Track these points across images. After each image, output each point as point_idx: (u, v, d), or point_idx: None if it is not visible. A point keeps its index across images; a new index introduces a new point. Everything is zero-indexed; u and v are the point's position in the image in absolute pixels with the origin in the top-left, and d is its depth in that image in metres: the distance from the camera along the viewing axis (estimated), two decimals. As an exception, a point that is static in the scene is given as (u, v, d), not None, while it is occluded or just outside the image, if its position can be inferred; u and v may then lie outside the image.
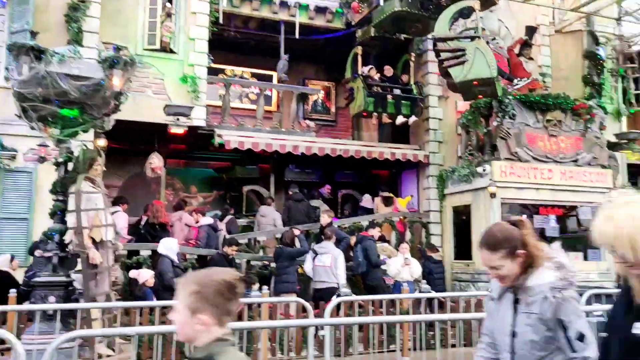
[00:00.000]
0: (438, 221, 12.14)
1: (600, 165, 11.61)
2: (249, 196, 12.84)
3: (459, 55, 9.21)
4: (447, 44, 9.38)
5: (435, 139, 12.38)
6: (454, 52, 9.29)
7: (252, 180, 12.96)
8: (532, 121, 11.11)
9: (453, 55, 9.27)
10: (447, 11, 9.51)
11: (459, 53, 9.23)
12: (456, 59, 9.20)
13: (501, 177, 10.66)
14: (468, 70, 9.22)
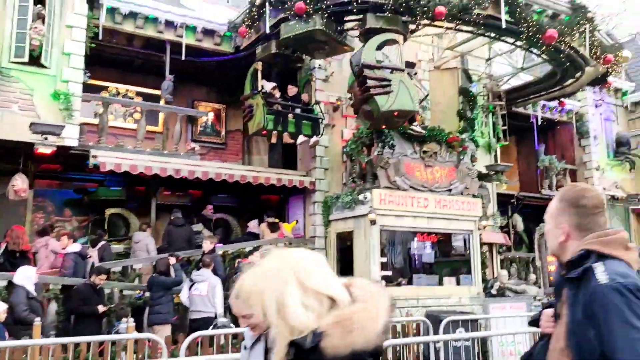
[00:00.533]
0: (323, 247, 12.27)
1: (472, 194, 12.40)
2: (113, 220, 12.14)
3: (385, 85, 9.53)
4: (374, 72, 9.61)
5: (322, 165, 12.59)
6: (380, 80, 9.57)
7: (117, 202, 12.29)
8: (410, 152, 11.65)
9: (379, 84, 9.54)
10: (374, 40, 9.72)
11: (384, 83, 9.55)
12: (382, 88, 9.49)
13: (381, 204, 11.02)
14: (393, 100, 9.55)
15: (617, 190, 18.45)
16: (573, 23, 11.26)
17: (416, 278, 11.43)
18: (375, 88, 9.48)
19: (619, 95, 19.34)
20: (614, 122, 19.04)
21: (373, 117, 10.04)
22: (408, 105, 9.72)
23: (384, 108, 9.47)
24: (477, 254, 12.22)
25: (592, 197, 2.23)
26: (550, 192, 17.82)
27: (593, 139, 18.24)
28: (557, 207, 2.28)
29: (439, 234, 12.00)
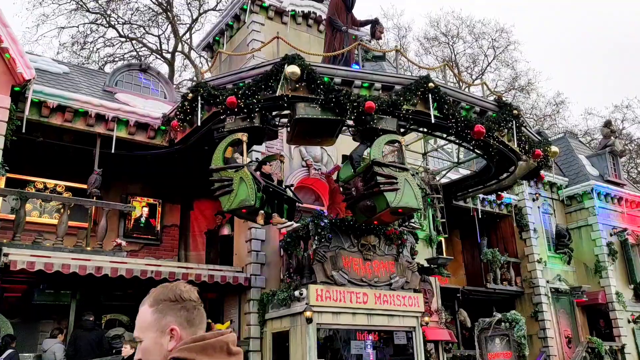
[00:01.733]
0: (258, 349, 11.47)
1: (413, 289, 12.06)
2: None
3: (393, 182, 9.58)
4: (383, 170, 9.69)
5: (258, 260, 12.11)
6: (388, 178, 9.62)
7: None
8: (348, 245, 11.37)
9: (388, 181, 9.61)
10: (381, 139, 9.88)
11: (393, 180, 9.61)
12: (390, 185, 9.54)
13: (317, 301, 10.50)
14: (400, 198, 9.56)
15: (560, 283, 18.52)
16: (500, 119, 11.71)
17: (356, 381, 10.70)
18: (385, 185, 9.53)
19: (554, 190, 20.02)
20: (551, 215, 19.53)
21: (373, 212, 9.96)
22: (413, 203, 9.75)
23: (393, 204, 9.46)
24: (421, 352, 11.66)
25: (189, 290, 1.91)
26: (495, 286, 17.73)
27: (533, 232, 18.54)
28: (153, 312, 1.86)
29: (380, 331, 11.45)
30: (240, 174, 9.52)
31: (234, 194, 9.33)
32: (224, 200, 9.40)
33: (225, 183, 9.44)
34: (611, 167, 20.84)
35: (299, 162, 13.53)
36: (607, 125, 21.67)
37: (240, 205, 9.36)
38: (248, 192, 9.37)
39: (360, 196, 10.16)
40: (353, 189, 10.44)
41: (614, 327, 18.38)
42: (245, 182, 9.47)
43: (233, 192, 9.34)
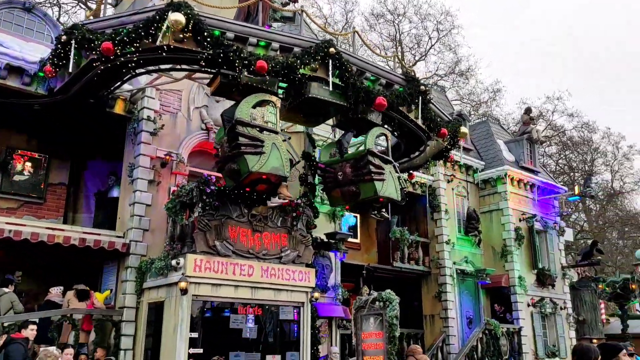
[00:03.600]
0: (132, 319, 10.73)
1: (305, 264, 11.60)
2: None
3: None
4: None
5: (140, 226, 11.27)
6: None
7: None
8: (237, 214, 10.71)
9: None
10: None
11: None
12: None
13: (195, 271, 9.83)
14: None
15: (467, 265, 18.69)
16: (406, 94, 11.26)
17: (233, 356, 10.17)
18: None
19: (470, 173, 20.08)
20: (465, 197, 19.61)
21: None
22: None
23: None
24: (308, 329, 11.27)
25: None
26: (402, 265, 17.66)
27: (444, 213, 18.54)
28: None
29: (265, 306, 10.94)
30: (273, 140, 9.09)
31: (265, 157, 8.84)
32: (252, 160, 8.77)
33: (257, 143, 8.89)
34: (527, 154, 21.12)
35: (198, 125, 12.67)
36: (526, 112, 21.90)
37: (270, 171, 8.96)
38: (282, 161, 9.04)
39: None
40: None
41: (514, 310, 18.79)
42: (279, 150, 9.11)
43: (265, 155, 8.84)
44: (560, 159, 43.87)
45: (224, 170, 9.60)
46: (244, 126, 8.97)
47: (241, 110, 9.06)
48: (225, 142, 9.37)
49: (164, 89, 12.23)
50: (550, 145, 43.63)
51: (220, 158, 9.65)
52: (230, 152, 9.14)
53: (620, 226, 42.90)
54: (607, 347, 5.36)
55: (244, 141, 8.88)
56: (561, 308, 20.30)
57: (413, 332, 17.91)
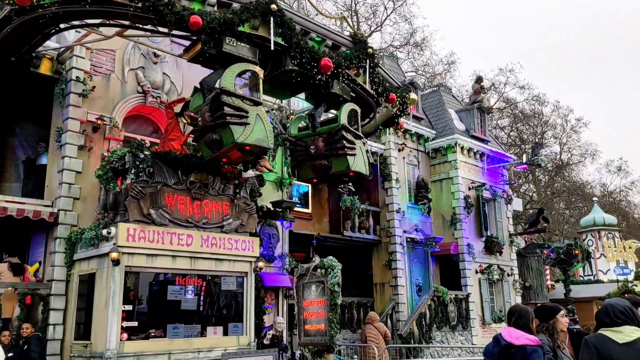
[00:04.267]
0: (62, 293, 10.11)
1: (249, 233, 11.18)
2: None
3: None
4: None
5: (70, 194, 10.55)
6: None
7: None
8: (174, 181, 10.15)
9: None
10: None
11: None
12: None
13: (128, 241, 9.27)
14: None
15: (417, 234, 18.70)
16: (353, 57, 10.82)
17: (171, 329, 9.73)
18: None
19: (421, 142, 19.96)
20: (416, 167, 19.51)
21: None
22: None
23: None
24: (251, 299, 10.93)
25: None
26: (352, 234, 17.49)
27: (395, 182, 18.40)
28: None
29: (205, 276, 10.51)
30: (257, 111, 8.89)
31: (249, 129, 8.65)
32: (237, 131, 8.56)
33: (242, 113, 8.65)
34: (478, 123, 21.16)
35: (134, 87, 11.89)
36: (477, 81, 21.87)
37: (255, 142, 8.77)
38: (266, 133, 8.92)
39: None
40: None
41: (462, 277, 19.01)
42: (263, 121, 8.95)
43: (249, 126, 8.65)
44: (511, 131, 44.62)
45: (203, 139, 9.22)
46: (229, 96, 8.63)
47: (226, 80, 8.70)
48: (206, 111, 8.92)
49: (95, 49, 11.38)
50: (502, 118, 44.33)
51: (199, 127, 9.19)
52: (213, 121, 8.79)
53: (567, 196, 44.30)
54: (546, 309, 5.21)
55: (229, 111, 8.59)
56: (508, 274, 20.70)
57: (363, 300, 17.88)
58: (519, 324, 4.50)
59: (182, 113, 11.37)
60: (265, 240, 12.82)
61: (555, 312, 5.03)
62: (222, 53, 8.83)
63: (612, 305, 3.83)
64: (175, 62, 12.53)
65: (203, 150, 9.57)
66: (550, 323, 4.94)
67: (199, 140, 9.42)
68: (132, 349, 9.05)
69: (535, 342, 4.17)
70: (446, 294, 17.21)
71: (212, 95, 8.79)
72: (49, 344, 9.71)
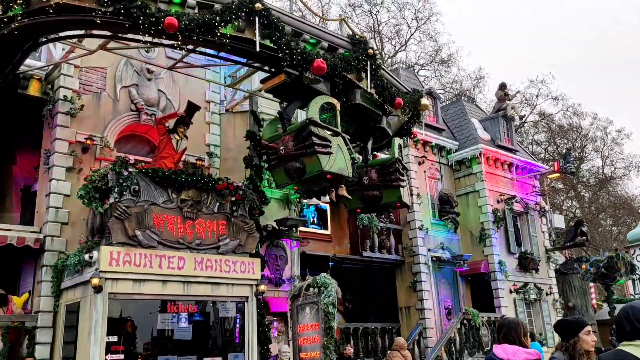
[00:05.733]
0: (49, 325, 9.43)
1: (248, 253, 10.35)
2: None
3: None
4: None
5: (58, 219, 9.97)
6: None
7: None
8: (163, 200, 9.45)
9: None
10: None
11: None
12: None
13: (112, 265, 8.56)
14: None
15: (443, 252, 17.49)
16: (352, 59, 10.03)
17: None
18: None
19: (443, 154, 18.89)
20: (438, 180, 18.41)
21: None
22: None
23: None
24: (253, 327, 10.02)
25: None
26: (372, 254, 16.44)
27: (416, 197, 17.32)
28: None
29: (201, 302, 9.68)
30: (337, 141, 9.34)
31: (333, 158, 9.11)
32: (323, 160, 8.97)
33: (327, 143, 9.10)
34: (504, 132, 19.97)
35: (127, 105, 11.37)
36: (501, 88, 20.73)
37: (337, 171, 9.20)
38: (345, 162, 9.34)
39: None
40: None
41: (495, 297, 17.61)
42: (342, 151, 9.38)
43: (333, 155, 9.11)
44: (549, 146, 42.68)
45: (281, 167, 9.56)
46: (315, 126, 9.00)
47: (312, 111, 9.13)
48: (289, 141, 9.27)
49: (84, 67, 10.95)
50: (538, 133, 42.55)
51: (281, 155, 9.46)
52: (299, 150, 9.15)
53: (613, 212, 41.89)
54: (566, 323, 4.21)
55: (316, 141, 8.97)
56: (547, 293, 19.14)
57: (388, 326, 16.69)
58: (510, 339, 3.75)
59: (175, 129, 10.78)
60: (272, 263, 11.96)
61: (578, 328, 4.05)
62: (302, 85, 9.20)
63: (634, 307, 2.85)
64: (171, 78, 12.00)
65: (278, 178, 9.87)
66: (571, 342, 3.97)
67: (275, 168, 9.74)
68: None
69: (536, 355, 3.51)
70: (477, 317, 15.86)
71: (302, 126, 9.17)
72: (34, 380, 8.99)
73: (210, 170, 12.06)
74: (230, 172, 12.18)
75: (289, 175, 9.71)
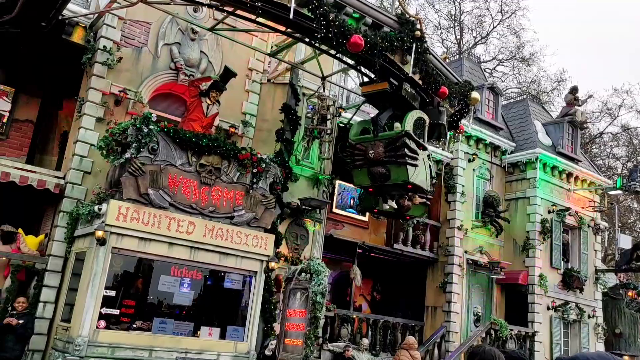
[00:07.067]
0: (58, 270, 9.56)
1: (263, 228, 10.06)
2: None
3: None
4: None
5: (81, 167, 10.02)
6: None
7: None
8: (182, 162, 9.28)
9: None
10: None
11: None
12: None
13: (119, 220, 8.50)
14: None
15: (480, 256, 16.60)
16: (396, 38, 9.40)
17: (157, 323, 8.81)
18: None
19: (497, 154, 17.82)
20: (487, 181, 17.41)
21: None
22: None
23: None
24: (257, 303, 9.78)
25: None
26: (404, 247, 15.82)
27: (460, 196, 16.46)
28: None
29: (206, 270, 9.51)
30: (422, 155, 9.90)
31: (418, 170, 9.70)
32: (410, 171, 9.61)
33: (416, 156, 9.66)
34: (568, 139, 18.55)
35: (167, 63, 11.23)
36: (572, 91, 19.21)
37: (419, 183, 9.82)
38: (426, 176, 10.02)
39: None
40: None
41: (530, 311, 16.58)
42: (425, 165, 10.00)
43: (418, 168, 9.70)
44: (629, 161, 39.73)
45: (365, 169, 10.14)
46: (410, 139, 9.60)
47: (408, 124, 9.71)
48: (380, 147, 9.89)
49: (129, 19, 10.89)
50: (618, 146, 39.66)
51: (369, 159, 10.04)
52: (388, 157, 9.76)
53: (686, 239, 38.69)
54: None
55: (408, 153, 9.59)
56: (589, 316, 17.84)
57: (411, 323, 16.12)
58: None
59: (207, 93, 10.56)
60: (291, 241, 11.62)
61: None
62: (398, 96, 9.73)
63: None
64: (215, 41, 11.76)
65: (358, 177, 10.47)
66: None
67: (359, 168, 10.30)
68: (107, 339, 8.22)
69: None
70: (505, 329, 14.98)
71: (394, 133, 9.79)
72: (36, 322, 9.15)
73: (242, 138, 11.84)
74: (263, 143, 11.91)
75: (372, 178, 10.24)
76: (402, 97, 9.87)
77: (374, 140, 10.07)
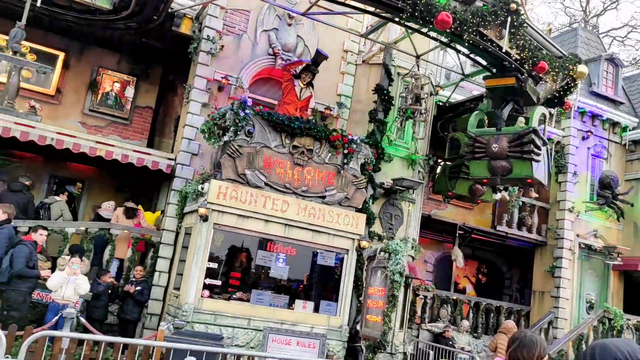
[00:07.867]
0: (171, 243, 10.58)
1: (355, 208, 10.31)
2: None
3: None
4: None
5: (189, 149, 10.93)
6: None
7: None
8: (276, 144, 9.78)
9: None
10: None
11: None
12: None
13: (219, 199, 9.20)
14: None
15: (595, 240, 15.55)
16: (489, 13, 9.08)
17: (255, 294, 9.47)
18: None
19: (617, 131, 16.44)
20: (605, 160, 16.16)
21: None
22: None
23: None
24: (349, 280, 10.08)
25: None
26: (508, 230, 15.29)
27: (572, 176, 15.49)
28: None
29: (299, 247, 9.99)
30: (543, 150, 10.09)
31: (539, 165, 9.90)
32: (534, 166, 9.83)
33: (539, 152, 9.85)
34: None
35: (265, 49, 11.79)
36: None
37: (538, 178, 10.05)
38: (544, 172, 10.29)
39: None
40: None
41: (651, 302, 15.28)
42: (544, 160, 10.18)
43: (540, 164, 9.93)
44: None
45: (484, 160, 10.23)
46: (536, 136, 9.78)
47: (534, 121, 9.88)
48: (504, 141, 9.97)
49: (230, 9, 11.55)
50: None
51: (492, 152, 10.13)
52: (513, 152, 9.89)
53: None
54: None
55: (535, 149, 9.72)
56: None
57: (517, 307, 15.61)
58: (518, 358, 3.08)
59: (299, 76, 10.93)
60: (385, 221, 11.76)
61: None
62: (521, 92, 9.86)
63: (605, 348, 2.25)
64: (311, 25, 12.09)
65: (476, 169, 10.56)
66: None
67: (477, 160, 10.39)
68: (210, 307, 9.00)
69: None
70: (620, 318, 13.96)
71: (520, 128, 9.98)
72: (153, 289, 10.26)
73: (337, 120, 12.13)
74: (357, 124, 12.11)
75: (492, 170, 10.30)
76: (526, 92, 9.93)
77: (497, 134, 10.19)
